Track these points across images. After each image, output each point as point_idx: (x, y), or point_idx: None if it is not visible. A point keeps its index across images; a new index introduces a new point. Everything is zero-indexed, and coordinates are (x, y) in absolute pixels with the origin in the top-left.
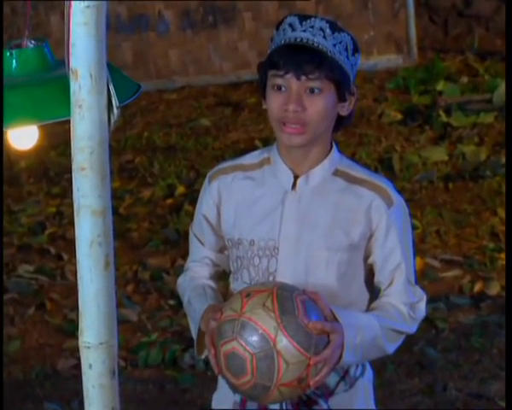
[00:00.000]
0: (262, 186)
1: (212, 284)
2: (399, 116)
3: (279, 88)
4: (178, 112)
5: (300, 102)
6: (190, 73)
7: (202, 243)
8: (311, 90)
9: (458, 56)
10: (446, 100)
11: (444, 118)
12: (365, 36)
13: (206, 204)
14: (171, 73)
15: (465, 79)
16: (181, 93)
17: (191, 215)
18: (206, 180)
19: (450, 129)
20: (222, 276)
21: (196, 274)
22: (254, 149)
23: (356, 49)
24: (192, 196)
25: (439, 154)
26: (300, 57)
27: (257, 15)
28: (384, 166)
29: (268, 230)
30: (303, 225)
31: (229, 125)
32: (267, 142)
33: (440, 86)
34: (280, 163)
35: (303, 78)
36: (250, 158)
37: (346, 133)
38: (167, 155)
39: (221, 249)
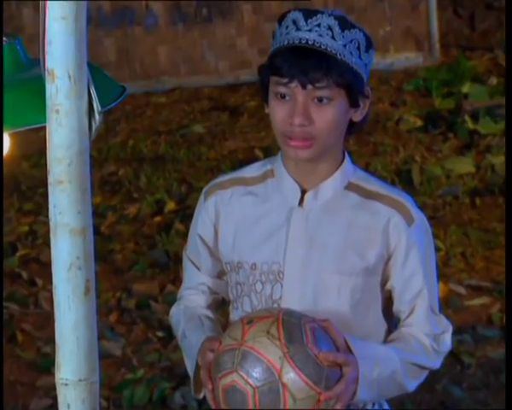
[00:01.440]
0: (265, 202)
1: (209, 313)
2: (419, 122)
3: (283, 96)
4: (168, 117)
5: (307, 114)
6: (182, 73)
7: (198, 268)
8: (319, 100)
9: (486, 54)
10: (473, 104)
11: (470, 124)
12: (381, 31)
13: (201, 223)
14: (159, 73)
15: (494, 80)
16: (171, 96)
17: (182, 235)
18: (202, 196)
19: (477, 137)
20: (221, 305)
21: (191, 303)
22: (255, 159)
23: (369, 46)
24: (183, 213)
25: (464, 165)
26: (306, 63)
27: (257, 8)
28: (402, 180)
29: (272, 252)
30: (311, 247)
31: (225, 132)
32: (269, 151)
33: (466, 88)
34: (285, 176)
35: (309, 87)
36: (251, 170)
37: (359, 142)
38: (155, 167)
39: (219, 275)
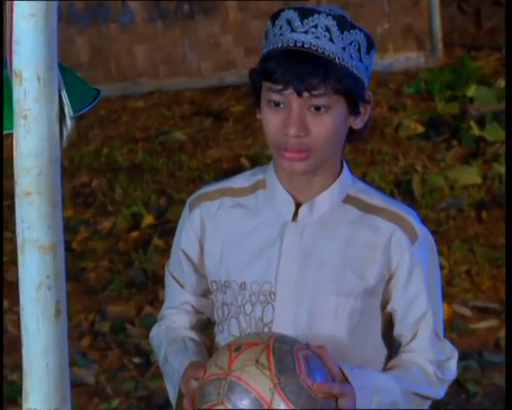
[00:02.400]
0: (255, 216)
1: (193, 335)
2: (421, 128)
3: (276, 104)
4: (146, 123)
5: (303, 124)
6: (161, 74)
7: (181, 286)
8: (316, 108)
9: (494, 54)
10: (479, 108)
11: (476, 131)
12: (378, 29)
13: (185, 237)
14: (137, 74)
15: (502, 83)
16: (149, 100)
17: (161, 251)
18: (186, 207)
19: (483, 144)
20: (206, 326)
21: (174, 324)
22: (240, 169)
23: (370, 47)
24: (162, 228)
25: (470, 175)
26: (302, 68)
27: (243, 4)
28: (402, 191)
29: (263, 270)
30: (306, 265)
31: (208, 139)
32: (256, 160)
33: (471, 91)
34: (278, 187)
35: (305, 94)
36: (241, 180)
37: (354, 150)
38: (132, 177)
39: (205, 293)
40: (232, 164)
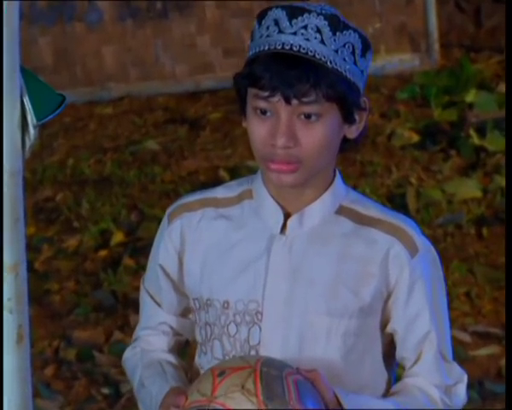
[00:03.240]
0: (241, 228)
1: (172, 358)
2: (415, 137)
3: (263, 112)
4: (115, 131)
5: (292, 133)
6: (131, 78)
7: (158, 304)
8: (307, 116)
9: (495, 56)
10: (479, 115)
11: (475, 140)
12: (369, 29)
13: (163, 251)
14: (105, 78)
15: (504, 87)
16: (119, 106)
17: (132, 272)
18: (165, 219)
19: (484, 155)
20: (185, 348)
21: (150, 346)
22: (218, 182)
23: (366, 48)
24: (134, 246)
25: (469, 188)
26: (290, 73)
27: (223, 1)
28: (395, 205)
29: (248, 288)
30: (296, 282)
31: (184, 149)
32: (236, 173)
33: (471, 97)
34: (265, 198)
35: (295, 101)
36: (225, 190)
37: (343, 161)
38: (100, 191)
39: (184, 312)
40: (210, 176)
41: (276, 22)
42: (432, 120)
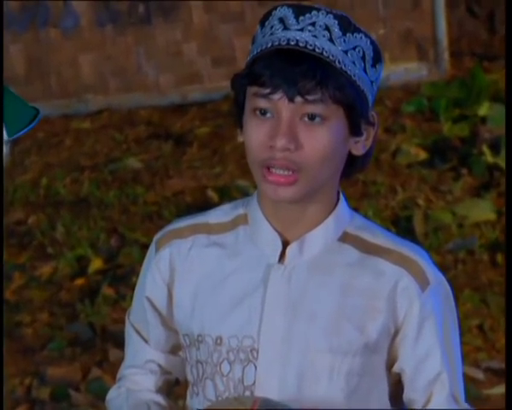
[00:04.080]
0: (235, 257)
1: (160, 399)
2: (423, 155)
3: (263, 113)
4: (93, 148)
5: (293, 136)
6: (111, 89)
7: (145, 340)
8: (311, 117)
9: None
10: (492, 130)
11: (489, 157)
12: (372, 35)
13: (151, 282)
14: (82, 89)
15: None
16: (97, 120)
17: (112, 302)
18: (153, 247)
19: (498, 174)
20: (175, 388)
21: (137, 386)
22: (206, 203)
23: (377, 59)
24: (113, 274)
25: (482, 211)
26: (295, 69)
27: (210, 5)
28: (401, 229)
29: (243, 322)
30: (295, 316)
31: (168, 167)
32: (226, 193)
33: (484, 110)
34: (262, 223)
35: (298, 99)
36: (218, 215)
37: (344, 180)
38: (76, 213)
39: (173, 349)
40: (197, 197)
41: (282, 20)
42: (441, 135)
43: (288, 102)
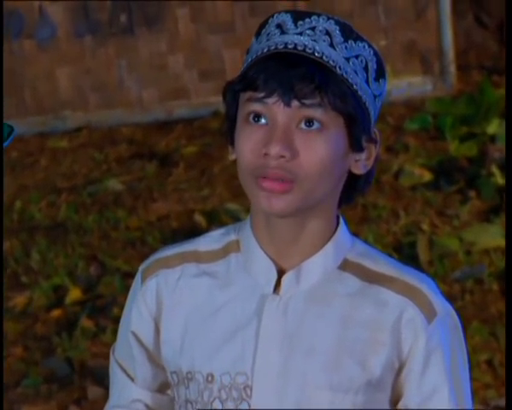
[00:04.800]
0: (227, 287)
1: None
2: (428, 176)
3: (257, 119)
4: (71, 169)
5: (289, 142)
6: (91, 105)
7: (131, 378)
8: (308, 124)
9: None
10: (502, 150)
11: (499, 178)
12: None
13: (136, 316)
14: (59, 105)
15: None
16: (76, 138)
17: (91, 335)
18: (138, 277)
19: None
20: None
21: None
22: (194, 228)
23: (381, 73)
24: (93, 305)
25: (491, 236)
26: (292, 72)
27: (198, 14)
28: (403, 256)
29: (236, 358)
30: (292, 351)
31: (153, 189)
32: (214, 217)
33: (493, 128)
34: (255, 250)
35: (295, 103)
36: (208, 242)
37: (344, 205)
38: (53, 239)
39: (161, 388)
40: (183, 222)
41: (279, 26)
42: (447, 155)
43: (283, 106)
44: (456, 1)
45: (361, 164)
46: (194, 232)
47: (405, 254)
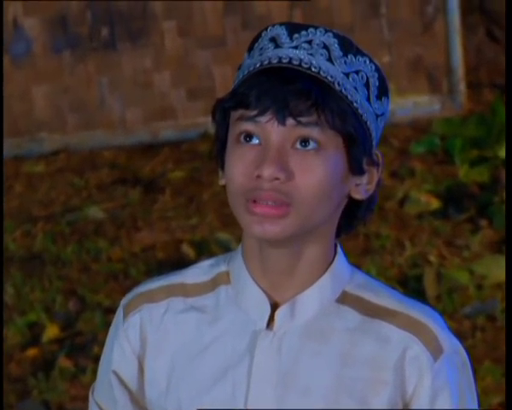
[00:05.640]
0: (216, 322)
1: None
2: (435, 203)
3: (248, 139)
4: (48, 195)
5: (284, 164)
6: (69, 126)
7: None
8: (304, 144)
9: None
10: None
11: None
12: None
13: (118, 354)
14: (35, 126)
15: None
16: (53, 162)
17: (70, 376)
18: (120, 313)
19: None
20: None
21: None
22: (182, 260)
23: (383, 91)
24: (72, 344)
25: (503, 269)
26: (286, 88)
27: (186, 27)
28: (409, 290)
29: (226, 398)
30: (287, 391)
31: (137, 218)
32: (204, 248)
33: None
34: (247, 282)
35: (290, 121)
36: (196, 274)
37: (343, 234)
38: (29, 272)
39: None
40: (170, 253)
41: (273, 39)
42: (456, 180)
43: (277, 125)
44: (465, 13)
45: (362, 189)
46: (181, 264)
47: (411, 287)
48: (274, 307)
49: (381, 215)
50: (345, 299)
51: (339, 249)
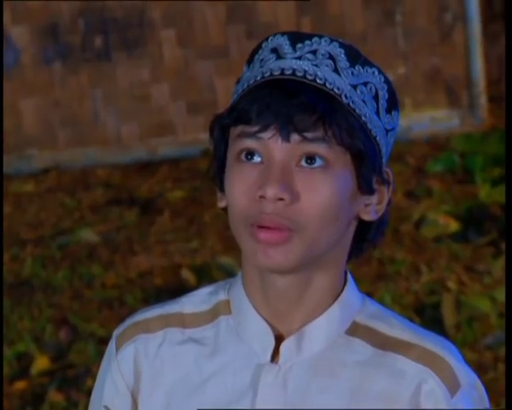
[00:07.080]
0: (216, 355)
1: None
2: (454, 225)
3: (250, 157)
4: (38, 217)
5: (288, 184)
6: (60, 143)
7: None
8: (310, 161)
9: None
10: None
11: None
12: (390, 74)
13: (111, 388)
14: (24, 143)
15: None
16: (43, 181)
17: None
18: (113, 344)
19: None
20: None
21: None
22: (182, 286)
23: (393, 104)
24: (63, 376)
25: None
26: (290, 102)
27: (186, 36)
28: (426, 319)
29: None
30: None
31: (133, 241)
32: (205, 273)
33: None
34: (249, 311)
35: (294, 137)
36: (194, 303)
37: (353, 259)
38: (17, 299)
39: None
40: (168, 278)
41: (275, 50)
42: (476, 201)
43: (281, 141)
44: (487, 21)
45: (371, 209)
46: (181, 291)
47: (428, 316)
48: (279, 338)
49: (396, 238)
50: (355, 330)
51: (349, 277)
